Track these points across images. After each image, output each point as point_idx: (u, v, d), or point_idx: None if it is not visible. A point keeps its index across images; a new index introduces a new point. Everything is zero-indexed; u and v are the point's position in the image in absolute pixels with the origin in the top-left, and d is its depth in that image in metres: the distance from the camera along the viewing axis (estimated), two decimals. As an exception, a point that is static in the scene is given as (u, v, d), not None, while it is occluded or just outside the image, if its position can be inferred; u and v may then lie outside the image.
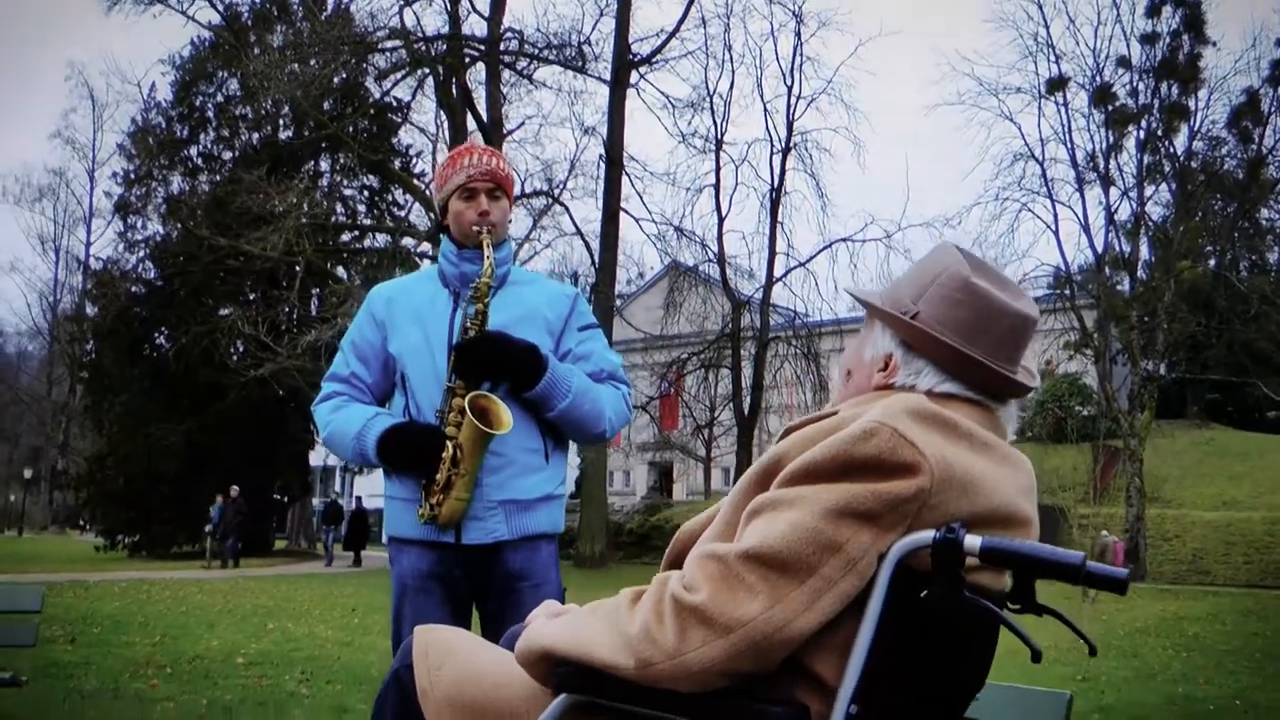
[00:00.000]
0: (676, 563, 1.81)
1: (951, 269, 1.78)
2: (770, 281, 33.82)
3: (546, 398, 2.99)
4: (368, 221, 32.37)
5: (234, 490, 27.20)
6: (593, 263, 29.79)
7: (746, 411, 33.52)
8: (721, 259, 33.63)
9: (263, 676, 7.93)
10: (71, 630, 10.55)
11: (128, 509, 32.00)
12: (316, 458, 39.89)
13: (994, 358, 1.75)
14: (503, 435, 2.94)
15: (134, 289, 32.12)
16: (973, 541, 1.50)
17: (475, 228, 3.08)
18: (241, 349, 27.40)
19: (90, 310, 34.99)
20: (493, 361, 2.97)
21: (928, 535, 1.53)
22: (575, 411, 3.03)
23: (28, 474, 53.57)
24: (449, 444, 2.94)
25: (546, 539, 3.11)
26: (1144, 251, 31.86)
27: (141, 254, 32.83)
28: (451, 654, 1.92)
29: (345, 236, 32.46)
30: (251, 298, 29.51)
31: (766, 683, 1.59)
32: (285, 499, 34.29)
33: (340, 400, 3.16)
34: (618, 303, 32.31)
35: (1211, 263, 33.07)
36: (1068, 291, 30.73)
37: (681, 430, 42.00)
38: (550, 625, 1.77)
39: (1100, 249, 30.95)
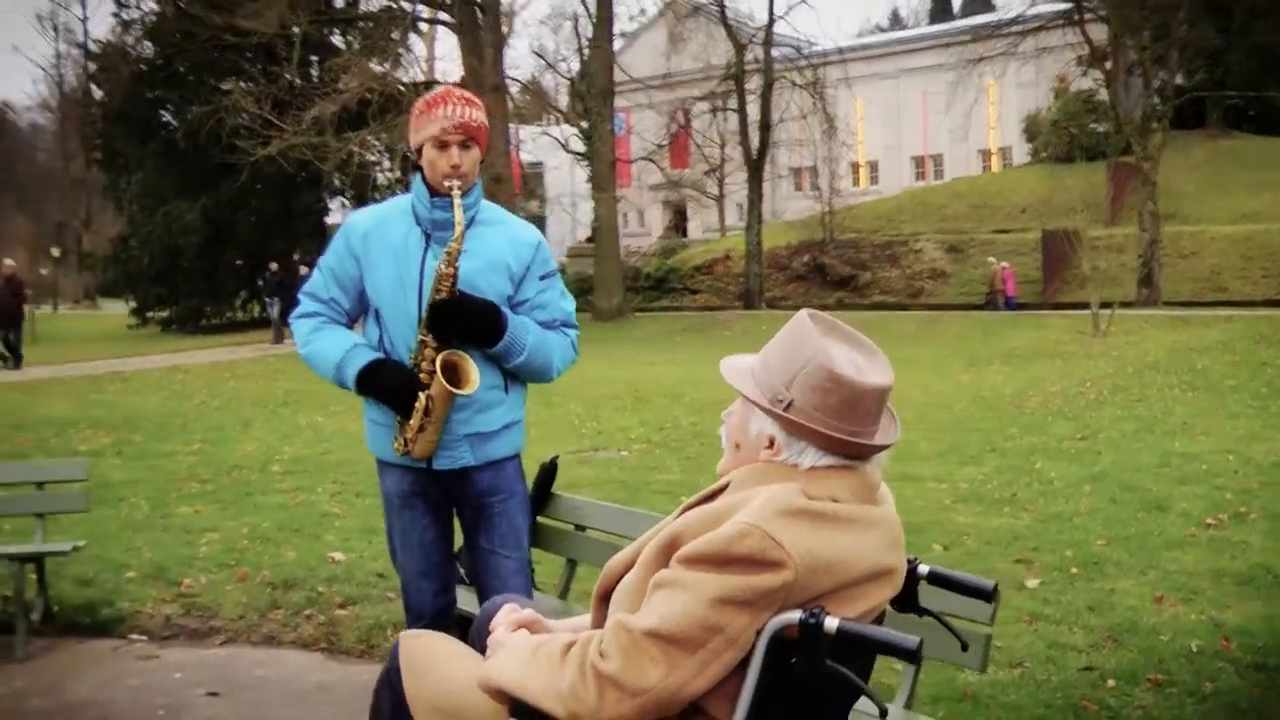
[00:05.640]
0: (605, 595, 2.21)
1: (816, 359, 2.03)
2: (772, 20, 33.23)
3: (504, 355, 3.36)
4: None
5: None
6: (587, 13, 29.12)
7: (755, 153, 33.51)
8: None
9: (297, 490, 8.53)
10: (117, 439, 11.27)
11: (155, 286, 32.78)
12: (334, 218, 40.23)
13: (863, 429, 2.05)
14: None
15: (139, 68, 31.89)
16: (831, 623, 1.86)
17: (446, 182, 3.30)
18: (248, 121, 27.27)
19: (96, 94, 34.80)
20: (461, 325, 3.30)
21: (795, 615, 1.89)
22: (528, 366, 3.41)
23: (56, 253, 54.61)
24: (422, 395, 3.29)
25: (509, 459, 3.53)
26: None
27: (138, 33, 32.50)
28: (432, 664, 2.33)
29: (339, 1, 31.73)
30: (252, 71, 29.18)
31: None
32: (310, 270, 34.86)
33: (320, 320, 3.48)
34: (619, 43, 31.70)
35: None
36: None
37: (693, 170, 42.01)
38: (503, 663, 2.14)
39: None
